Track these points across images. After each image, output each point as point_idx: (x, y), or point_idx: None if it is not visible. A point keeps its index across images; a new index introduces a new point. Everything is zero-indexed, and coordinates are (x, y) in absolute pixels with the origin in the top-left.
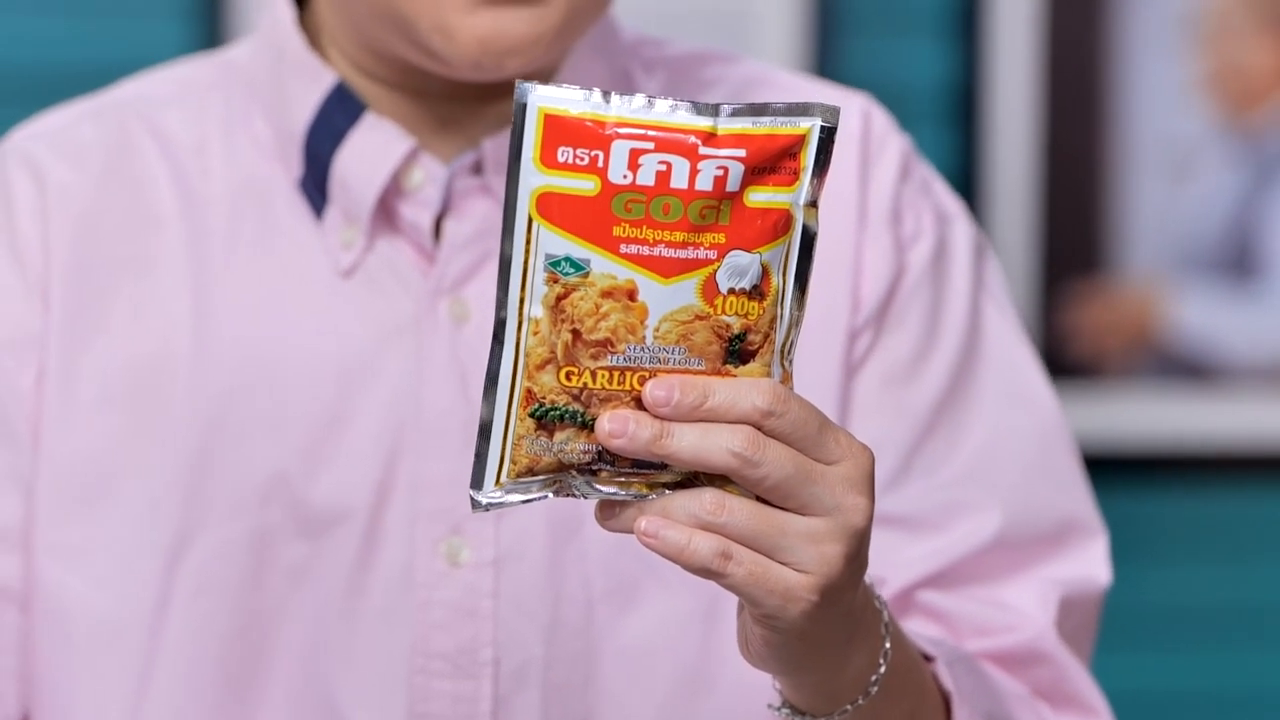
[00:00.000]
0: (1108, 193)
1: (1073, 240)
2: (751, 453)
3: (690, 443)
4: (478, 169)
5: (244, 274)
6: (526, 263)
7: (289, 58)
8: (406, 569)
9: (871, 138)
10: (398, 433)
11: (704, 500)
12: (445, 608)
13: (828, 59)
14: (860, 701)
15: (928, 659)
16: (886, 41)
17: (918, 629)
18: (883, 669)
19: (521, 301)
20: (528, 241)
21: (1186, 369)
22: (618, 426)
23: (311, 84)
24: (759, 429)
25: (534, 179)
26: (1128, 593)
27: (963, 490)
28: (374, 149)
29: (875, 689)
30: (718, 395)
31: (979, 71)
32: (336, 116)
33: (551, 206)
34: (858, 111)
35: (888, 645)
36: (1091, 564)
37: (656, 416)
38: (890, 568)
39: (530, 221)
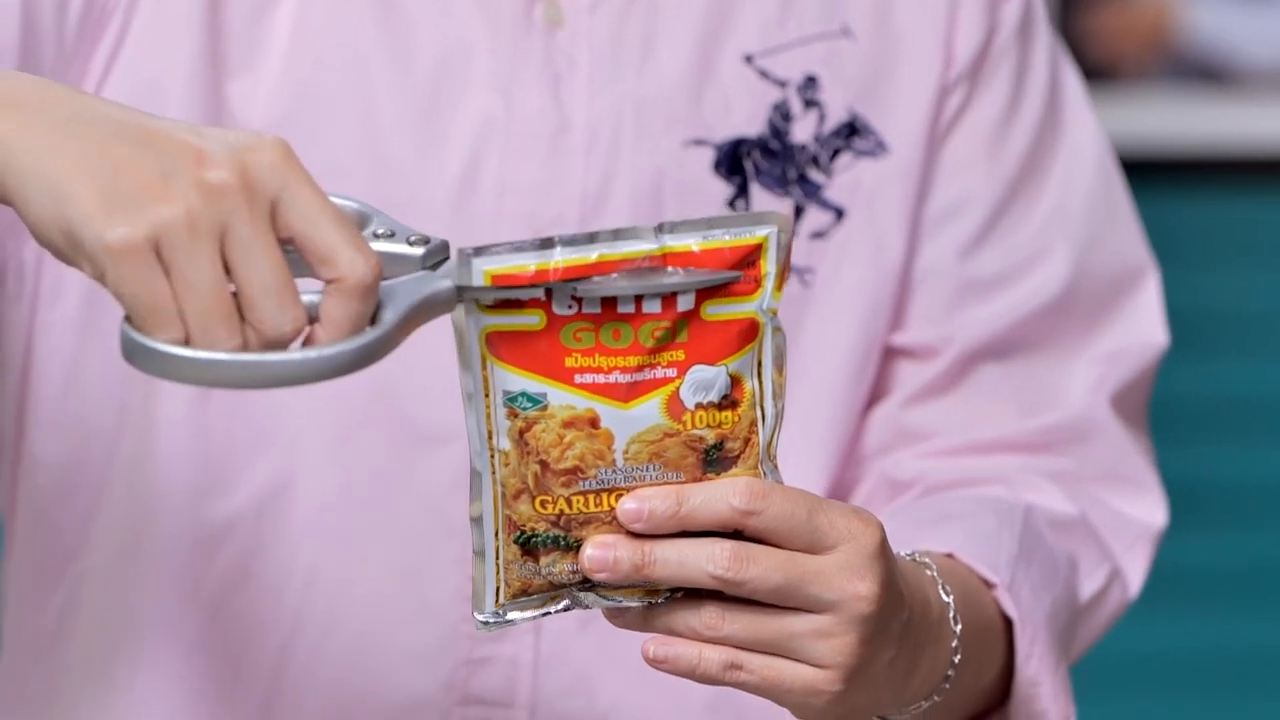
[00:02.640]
0: None
1: None
2: (733, 571)
3: (671, 569)
4: None
5: None
6: (487, 398)
7: None
8: None
9: None
10: (484, 132)
11: (704, 616)
12: None
13: None
14: (936, 699)
15: (988, 584)
16: None
17: (970, 471)
18: (957, 659)
19: (489, 434)
20: (485, 379)
21: (1201, 72)
22: (599, 561)
23: None
24: (743, 531)
25: (480, 320)
26: None
27: (1037, 243)
28: None
29: (949, 684)
30: (692, 500)
31: None
32: None
33: (500, 344)
34: None
35: (956, 643)
36: (1146, 321)
37: (633, 533)
38: (960, 328)
39: (484, 360)
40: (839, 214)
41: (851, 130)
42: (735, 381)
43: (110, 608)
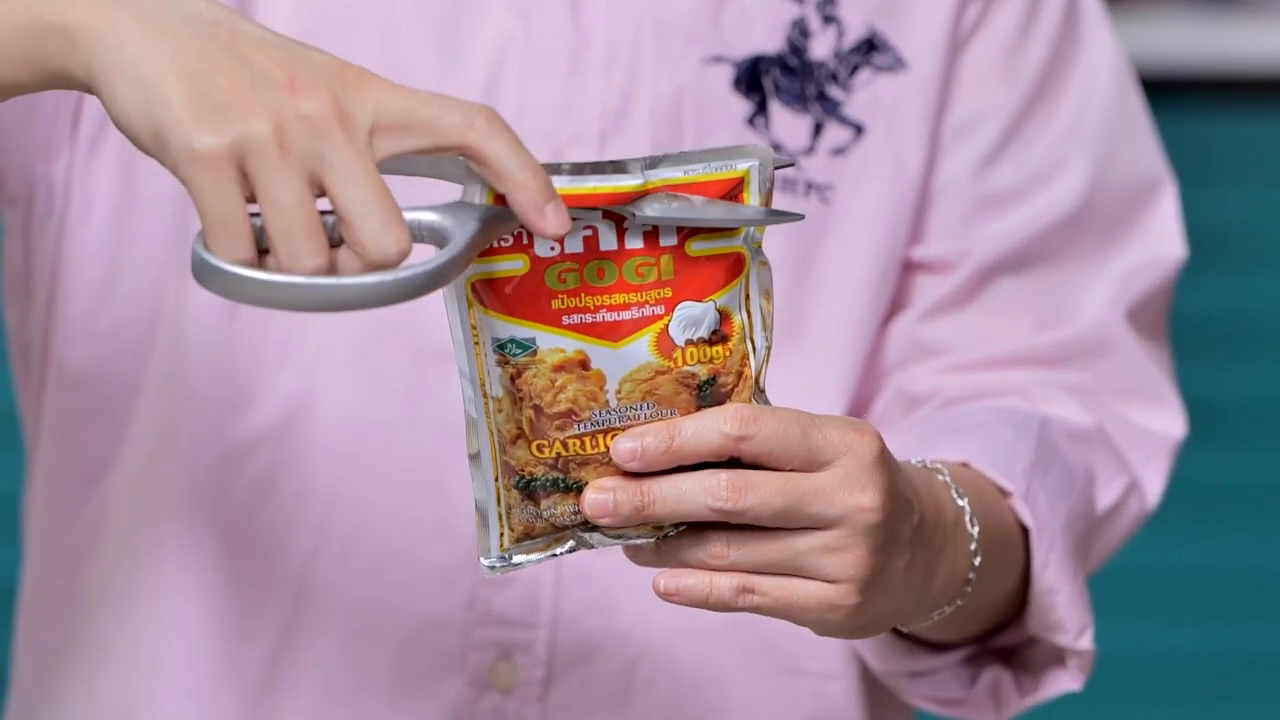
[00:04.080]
0: None
1: None
2: (732, 501)
3: (670, 506)
4: None
5: None
6: (477, 346)
7: None
8: None
9: None
10: (503, 51)
11: (709, 546)
12: None
13: None
14: (959, 602)
15: (1004, 493)
16: None
17: (988, 387)
18: (978, 561)
19: (482, 382)
20: (473, 326)
21: None
22: (599, 506)
23: None
24: (740, 458)
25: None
26: None
27: (1053, 157)
28: None
29: (970, 587)
30: (684, 432)
31: None
32: None
33: (486, 291)
34: None
35: (975, 545)
36: (1164, 233)
37: (629, 472)
38: (976, 241)
39: (470, 307)
40: (858, 130)
41: (870, 46)
42: (724, 316)
43: (135, 524)
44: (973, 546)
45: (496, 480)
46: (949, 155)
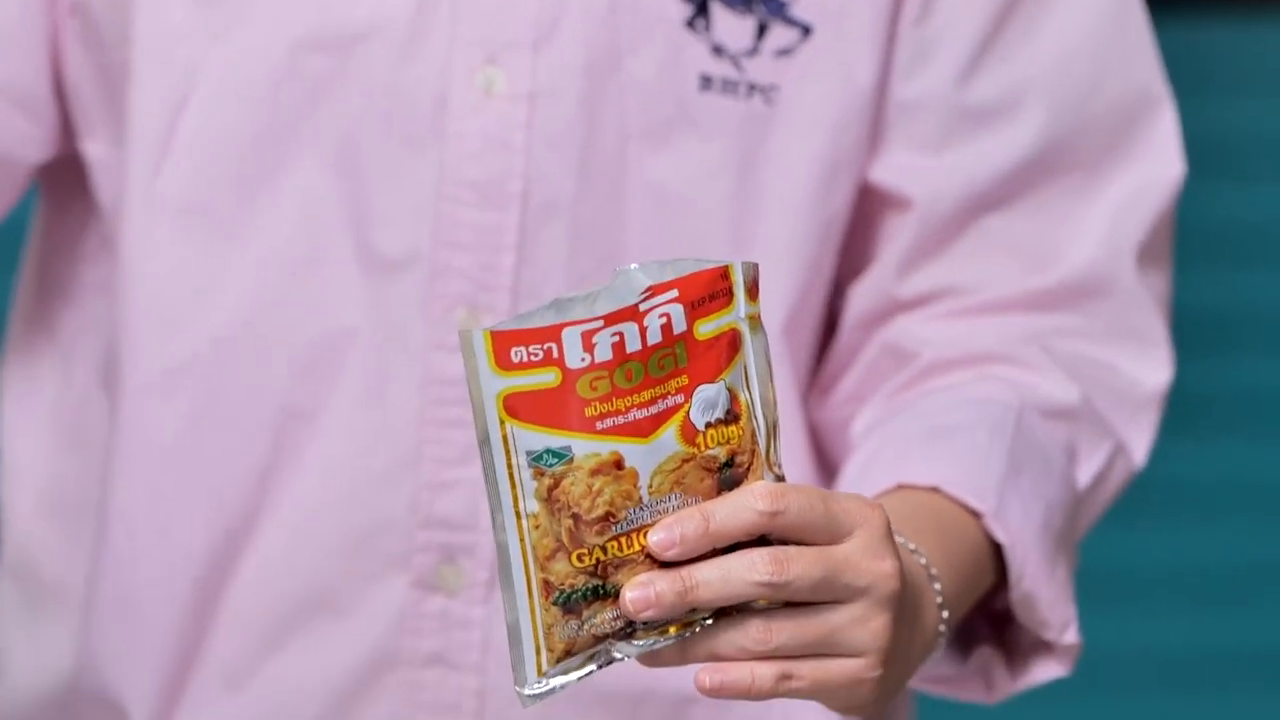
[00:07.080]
0: None
1: None
2: (777, 574)
3: (715, 588)
4: None
5: None
6: (510, 464)
7: None
8: (440, 96)
9: None
10: None
11: (750, 633)
12: (477, 138)
13: None
14: (936, 654)
15: (975, 514)
16: None
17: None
18: (945, 614)
19: (515, 500)
20: (505, 443)
21: None
22: (641, 600)
23: None
24: (770, 535)
25: (494, 384)
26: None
27: (1038, 73)
28: None
29: (942, 638)
30: (718, 514)
31: None
32: None
33: (518, 405)
34: None
35: (940, 599)
36: (1162, 153)
37: (668, 562)
38: (959, 170)
39: (502, 423)
40: (806, 31)
41: None
42: (732, 395)
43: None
44: (939, 600)
45: (532, 601)
46: (921, 66)
